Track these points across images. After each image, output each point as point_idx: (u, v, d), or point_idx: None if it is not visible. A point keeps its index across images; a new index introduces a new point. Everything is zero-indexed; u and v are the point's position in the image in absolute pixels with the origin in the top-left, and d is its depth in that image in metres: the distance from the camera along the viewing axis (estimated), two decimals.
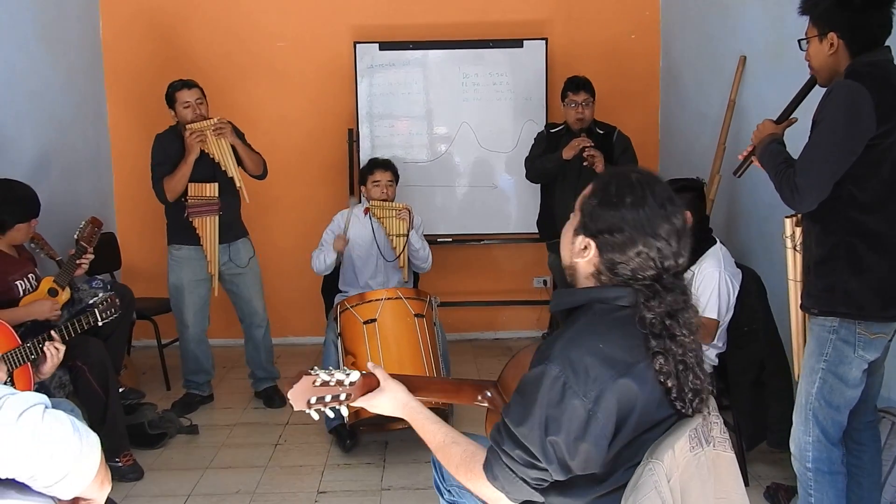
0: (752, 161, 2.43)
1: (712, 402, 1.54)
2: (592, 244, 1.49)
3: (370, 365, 1.73)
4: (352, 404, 1.68)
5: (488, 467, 1.47)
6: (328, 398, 1.62)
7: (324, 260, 3.88)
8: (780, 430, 2.71)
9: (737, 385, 3.09)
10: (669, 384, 1.42)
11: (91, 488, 1.34)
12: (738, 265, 3.16)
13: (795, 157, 2.21)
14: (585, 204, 1.54)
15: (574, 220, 1.56)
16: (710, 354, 3.13)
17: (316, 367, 1.66)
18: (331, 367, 1.69)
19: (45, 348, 2.62)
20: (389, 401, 1.67)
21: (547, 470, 1.41)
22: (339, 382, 1.63)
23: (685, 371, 1.45)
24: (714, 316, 2.98)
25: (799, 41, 2.29)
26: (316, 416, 1.65)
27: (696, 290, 3.03)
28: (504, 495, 1.47)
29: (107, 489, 1.41)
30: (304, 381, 1.60)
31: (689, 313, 1.48)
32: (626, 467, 1.42)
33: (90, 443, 1.30)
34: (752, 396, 3.06)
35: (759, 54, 3.75)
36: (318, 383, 1.61)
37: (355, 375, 1.66)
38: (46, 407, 1.27)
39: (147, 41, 5.05)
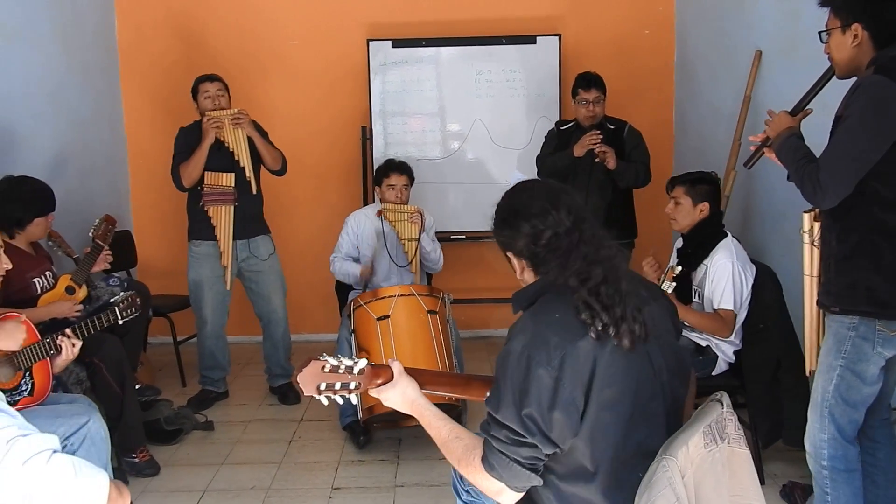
0: (763, 152, 2.41)
1: (727, 400, 1.54)
2: (510, 254, 1.67)
3: (390, 361, 1.77)
4: (366, 394, 1.71)
5: (485, 458, 1.53)
6: (338, 385, 1.65)
7: (347, 276, 3.91)
8: (796, 428, 2.68)
9: (752, 382, 3.07)
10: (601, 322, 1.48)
11: None
12: (754, 261, 3.13)
13: (812, 150, 2.19)
14: (495, 234, 1.73)
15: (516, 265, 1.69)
16: (727, 351, 3.11)
17: (325, 354, 1.68)
18: (339, 354, 1.71)
19: (59, 341, 2.64)
20: (399, 395, 1.71)
21: (536, 446, 1.46)
22: (348, 369, 1.67)
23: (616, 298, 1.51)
24: (730, 306, 2.96)
25: (819, 33, 2.25)
26: (325, 402, 1.69)
27: (711, 282, 3.02)
28: (504, 485, 1.50)
29: None
30: (312, 366, 1.64)
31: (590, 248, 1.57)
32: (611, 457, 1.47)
33: (94, 484, 1.29)
34: (768, 394, 3.04)
35: (774, 49, 3.72)
36: (326, 369, 1.65)
37: (363, 363, 1.69)
38: (54, 451, 1.27)
39: (161, 40, 5.08)
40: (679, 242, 3.26)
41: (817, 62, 2.33)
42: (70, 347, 2.66)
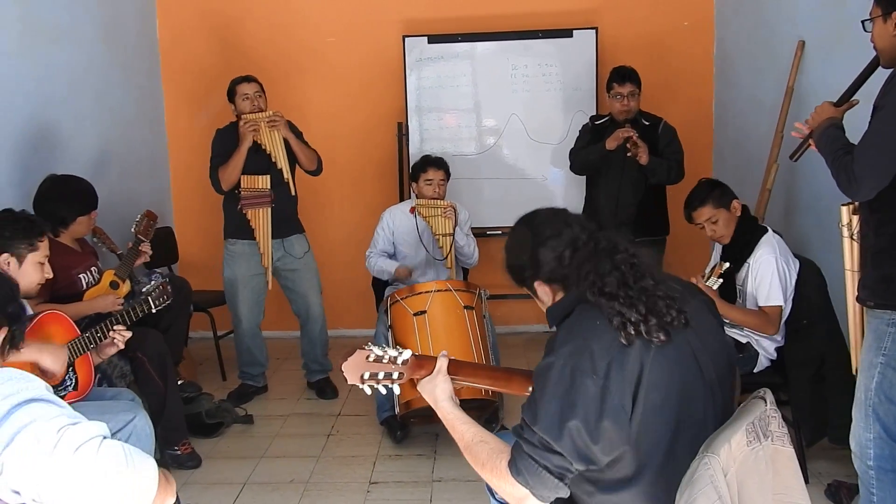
0: (808, 144, 2.36)
1: (770, 397, 1.51)
2: (538, 284, 1.65)
3: (441, 354, 1.77)
4: (405, 389, 1.74)
5: (512, 463, 1.50)
6: (381, 375, 1.67)
7: (382, 273, 3.93)
8: (841, 426, 2.62)
9: (796, 379, 3.01)
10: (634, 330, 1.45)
11: None
12: (797, 256, 3.08)
13: (855, 142, 2.14)
14: (509, 272, 1.73)
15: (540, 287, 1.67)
16: (769, 348, 3.06)
17: (370, 343, 1.70)
18: (384, 345, 1.73)
19: (111, 333, 2.70)
20: (429, 392, 1.73)
21: (567, 457, 1.43)
22: (392, 360, 1.69)
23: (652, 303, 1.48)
24: (778, 302, 2.91)
25: (863, 22, 2.21)
26: (368, 391, 1.72)
27: (754, 279, 2.97)
28: (530, 492, 1.48)
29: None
30: (357, 356, 1.67)
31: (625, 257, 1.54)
32: (656, 461, 1.44)
33: (144, 469, 1.29)
34: (812, 391, 2.98)
35: (818, 38, 3.64)
36: (371, 358, 1.68)
37: (407, 354, 1.71)
38: (104, 437, 1.28)
39: (202, 40, 5.15)
40: (720, 247, 3.21)
41: (863, 51, 2.27)
42: (121, 339, 2.72)
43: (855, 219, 2.30)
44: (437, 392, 1.71)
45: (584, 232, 1.60)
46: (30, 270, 2.57)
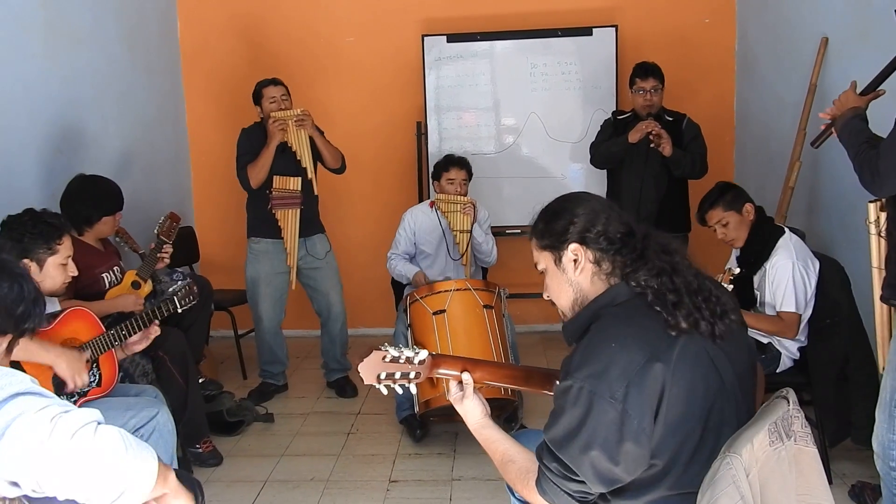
0: (831, 132, 2.32)
1: (793, 397, 1.49)
2: (571, 248, 1.57)
3: (463, 375, 1.75)
4: (424, 388, 1.74)
5: (538, 483, 1.52)
6: (398, 375, 1.67)
7: (402, 277, 3.94)
8: (865, 427, 2.59)
9: (819, 379, 2.98)
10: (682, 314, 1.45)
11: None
12: (820, 255, 3.04)
13: (878, 133, 2.10)
14: (540, 240, 1.64)
15: (544, 262, 1.65)
16: (792, 348, 3.03)
17: (386, 344, 1.71)
18: (400, 345, 1.73)
19: (150, 326, 2.74)
20: (464, 413, 1.75)
21: (585, 483, 1.43)
22: (409, 360, 1.69)
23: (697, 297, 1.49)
24: (792, 308, 2.88)
25: (895, 11, 2.16)
26: (385, 391, 1.72)
27: (771, 284, 2.94)
28: None
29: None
30: (374, 356, 1.67)
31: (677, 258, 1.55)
32: (685, 461, 1.43)
33: (142, 456, 1.28)
34: (836, 391, 2.95)
35: (842, 35, 3.59)
36: (387, 359, 1.68)
37: (423, 354, 1.71)
38: (99, 423, 1.27)
39: (221, 41, 5.19)
40: (737, 251, 3.18)
41: (888, 49, 2.24)
42: (155, 332, 2.75)
43: (882, 216, 2.26)
44: (468, 418, 1.75)
45: (623, 225, 1.58)
46: (52, 273, 2.60)
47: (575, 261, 1.57)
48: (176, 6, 5.17)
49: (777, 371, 3.04)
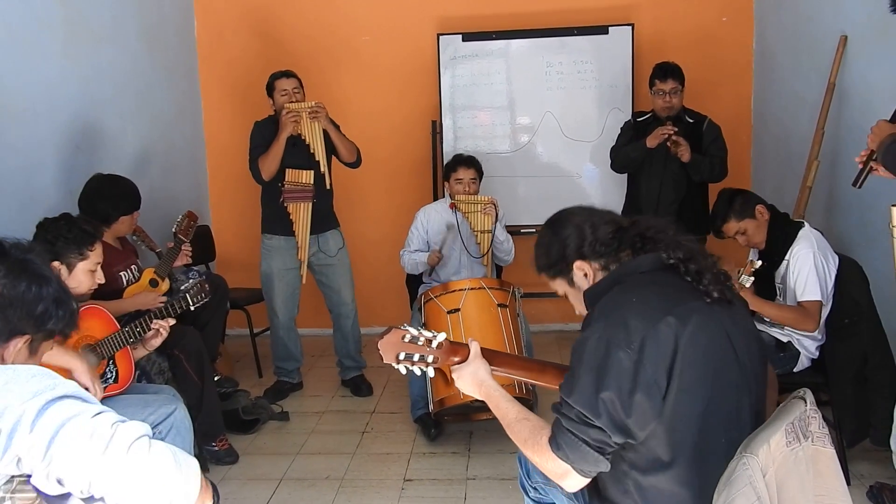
0: (872, 168, 2.30)
1: (810, 397, 1.48)
2: (576, 266, 1.67)
3: (469, 340, 1.79)
4: (438, 386, 1.76)
5: (552, 439, 1.52)
6: (416, 357, 1.69)
7: (416, 267, 3.95)
8: (884, 428, 2.57)
9: (837, 379, 2.95)
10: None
11: None
12: (839, 255, 3.01)
13: None
14: (547, 272, 1.75)
15: (562, 288, 1.76)
16: (811, 347, 3.00)
17: (405, 324, 1.71)
18: (419, 326, 1.74)
19: (153, 325, 2.76)
20: (469, 375, 1.74)
21: (604, 430, 1.44)
22: (427, 341, 1.72)
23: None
24: (816, 297, 2.85)
25: None
26: (403, 371, 1.74)
27: (793, 274, 2.92)
28: (571, 467, 1.48)
29: None
30: (393, 335, 1.70)
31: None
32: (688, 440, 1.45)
33: (190, 471, 1.30)
34: (854, 391, 2.92)
35: (861, 33, 3.55)
36: (406, 339, 1.70)
37: (441, 337, 1.73)
38: (150, 437, 1.29)
39: (239, 40, 5.22)
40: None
41: None
42: (165, 326, 2.77)
43: None
44: (479, 373, 1.73)
45: (612, 224, 1.68)
46: (81, 278, 2.63)
47: (585, 275, 1.67)
48: (193, 4, 5.20)
49: (795, 370, 3.01)
